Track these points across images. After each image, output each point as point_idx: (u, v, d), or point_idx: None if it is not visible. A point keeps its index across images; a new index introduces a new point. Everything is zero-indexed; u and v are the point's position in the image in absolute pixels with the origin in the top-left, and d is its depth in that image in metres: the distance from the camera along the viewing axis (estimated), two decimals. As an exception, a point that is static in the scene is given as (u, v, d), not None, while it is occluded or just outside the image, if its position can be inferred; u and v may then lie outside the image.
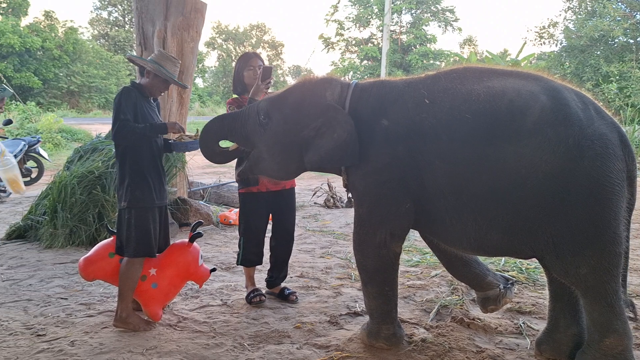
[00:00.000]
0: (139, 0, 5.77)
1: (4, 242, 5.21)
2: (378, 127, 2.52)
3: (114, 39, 37.68)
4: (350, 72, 28.54)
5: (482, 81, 2.36)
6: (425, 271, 4.11)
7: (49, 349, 2.78)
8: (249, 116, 2.85)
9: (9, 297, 3.59)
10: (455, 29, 31.22)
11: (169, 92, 5.61)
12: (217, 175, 9.68)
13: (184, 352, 2.76)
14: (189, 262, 3.23)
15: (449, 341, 2.80)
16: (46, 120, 15.74)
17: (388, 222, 2.56)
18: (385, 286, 2.68)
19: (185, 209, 5.83)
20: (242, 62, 3.56)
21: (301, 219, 6.47)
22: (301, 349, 2.79)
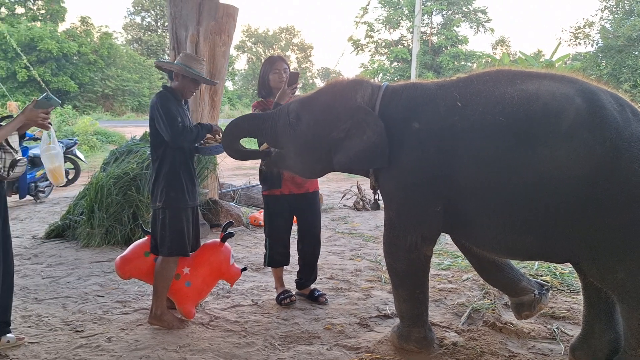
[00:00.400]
0: (173, 6, 5.89)
1: (43, 240, 5.38)
2: (409, 130, 2.51)
3: (147, 43, 38.47)
4: (380, 74, 28.44)
5: (516, 84, 2.33)
6: (456, 275, 4.08)
7: (87, 344, 2.87)
8: (279, 117, 2.90)
9: (48, 294, 3.71)
10: (487, 29, 30.87)
11: (200, 95, 5.74)
12: (247, 177, 9.77)
13: (216, 350, 2.81)
14: (221, 262, 3.29)
15: (480, 345, 2.78)
16: (82, 123, 16.16)
17: (419, 225, 2.56)
18: (416, 289, 2.68)
19: (216, 210, 5.92)
20: (268, 65, 3.59)
21: (330, 221, 6.49)
22: (331, 350, 2.81)
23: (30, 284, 3.92)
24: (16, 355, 2.73)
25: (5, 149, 2.62)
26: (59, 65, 26.59)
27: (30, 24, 26.78)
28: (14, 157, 2.66)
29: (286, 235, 3.60)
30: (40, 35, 25.23)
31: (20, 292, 3.61)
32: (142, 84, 31.37)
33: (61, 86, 25.87)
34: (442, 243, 4.94)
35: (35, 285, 3.90)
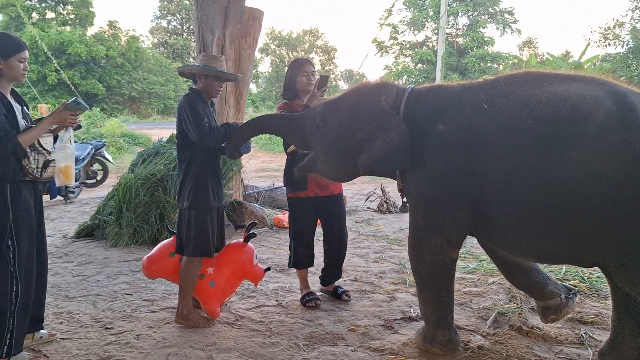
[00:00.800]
0: (200, 10, 5.97)
1: (73, 240, 5.52)
2: (434, 132, 2.51)
3: (173, 46, 38.99)
4: (404, 75, 28.31)
5: (544, 86, 2.31)
6: (482, 278, 4.05)
7: (116, 341, 2.94)
8: (306, 120, 2.93)
9: (79, 292, 3.80)
10: (514, 30, 30.44)
11: (226, 97, 5.81)
12: (270, 179, 9.83)
13: (241, 349, 2.85)
14: (245, 262, 3.34)
15: (506, 349, 2.76)
16: (110, 125, 16.48)
17: (444, 227, 2.54)
18: (441, 292, 2.67)
19: (241, 211, 5.98)
20: (295, 68, 3.61)
21: (354, 223, 6.50)
22: (356, 352, 2.82)
23: (62, 281, 4.03)
24: (49, 351, 2.81)
25: (38, 150, 2.68)
26: (88, 68, 27.10)
27: (60, 28, 27.36)
28: (47, 157, 2.73)
29: (310, 237, 3.62)
30: (70, 39, 25.75)
31: (52, 289, 3.70)
32: (167, 86, 31.81)
33: (89, 89, 26.36)
34: (467, 247, 4.91)
35: (66, 283, 4.00)
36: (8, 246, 2.56)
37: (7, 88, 2.66)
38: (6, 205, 2.57)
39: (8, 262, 2.56)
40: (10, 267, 2.56)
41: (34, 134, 2.62)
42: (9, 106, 2.60)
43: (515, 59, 23.58)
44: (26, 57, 2.66)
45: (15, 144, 2.51)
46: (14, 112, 2.61)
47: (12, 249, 2.57)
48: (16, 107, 2.66)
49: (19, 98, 2.78)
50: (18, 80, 2.68)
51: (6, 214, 2.57)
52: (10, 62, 2.59)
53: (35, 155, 2.66)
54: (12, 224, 2.57)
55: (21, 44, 2.66)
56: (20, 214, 2.60)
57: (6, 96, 2.62)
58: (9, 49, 2.59)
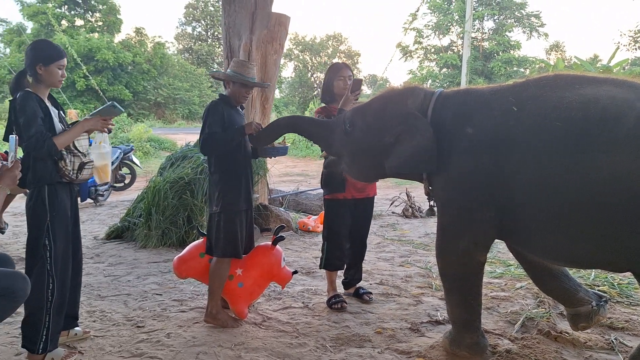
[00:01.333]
0: (227, 16, 6.07)
1: (104, 241, 5.64)
2: (462, 135, 2.51)
3: (197, 52, 39.48)
4: (429, 80, 28.18)
5: (574, 88, 2.30)
6: (509, 283, 4.03)
7: (148, 339, 3.01)
8: (336, 125, 2.98)
9: (110, 291, 3.89)
10: (541, 34, 30.08)
11: (252, 102, 5.88)
12: (294, 184, 9.89)
13: (269, 349, 2.89)
14: (273, 264, 3.39)
15: (534, 353, 2.75)
16: (137, 130, 16.75)
17: (471, 230, 2.54)
18: (468, 295, 2.66)
19: (266, 214, 6.04)
20: (333, 72, 3.66)
21: (379, 228, 6.51)
22: (382, 354, 2.84)
23: (94, 281, 4.12)
24: (83, 347, 2.89)
25: (74, 153, 2.77)
26: (115, 74, 27.59)
27: (89, 35, 27.96)
28: (82, 160, 2.80)
29: (345, 240, 3.65)
30: (98, 46, 26.28)
31: (84, 289, 3.78)
32: (192, 92, 32.23)
33: (116, 94, 26.80)
34: (494, 252, 4.89)
35: (98, 283, 4.09)
36: (45, 245, 2.65)
37: (45, 93, 2.76)
38: (44, 206, 2.66)
39: (45, 260, 2.65)
40: (47, 265, 2.65)
41: (69, 136, 2.70)
42: (47, 110, 2.68)
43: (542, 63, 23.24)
44: (65, 64, 2.76)
45: (51, 145, 2.59)
46: (51, 116, 2.70)
47: (49, 248, 2.66)
48: (53, 112, 2.76)
49: (55, 103, 2.87)
50: (56, 86, 2.77)
51: (44, 214, 2.66)
52: (50, 69, 2.68)
53: (71, 158, 2.74)
54: (49, 224, 2.66)
55: (61, 51, 2.75)
56: (56, 215, 2.69)
57: (44, 101, 2.71)
58: (50, 56, 2.69)
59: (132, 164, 9.29)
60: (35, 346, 2.64)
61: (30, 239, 2.72)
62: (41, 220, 2.67)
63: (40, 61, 2.67)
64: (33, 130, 2.57)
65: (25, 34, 25.63)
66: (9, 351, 2.84)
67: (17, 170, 2.44)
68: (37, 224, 2.69)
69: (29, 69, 2.69)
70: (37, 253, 2.67)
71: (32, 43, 2.79)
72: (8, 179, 2.42)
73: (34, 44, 2.77)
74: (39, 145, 2.57)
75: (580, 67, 6.45)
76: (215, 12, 40.01)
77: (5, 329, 3.07)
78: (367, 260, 4.79)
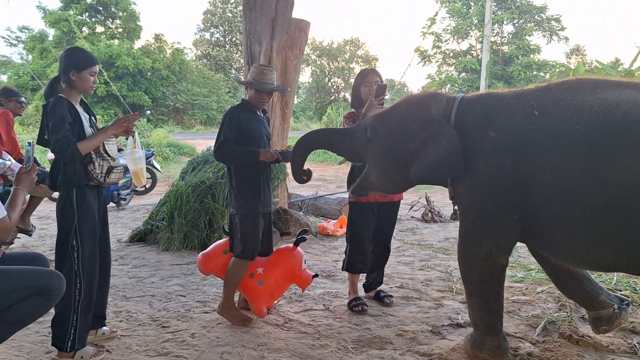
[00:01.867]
0: (248, 22, 6.15)
1: (127, 244, 5.75)
2: (485, 139, 2.53)
3: (215, 58, 39.85)
4: (448, 85, 28.07)
5: (596, 92, 2.31)
6: (530, 287, 4.02)
7: (173, 339, 3.08)
8: (356, 132, 3.01)
9: (135, 293, 3.98)
10: (561, 38, 29.82)
11: (272, 107, 5.95)
12: (312, 188, 9.93)
13: (291, 350, 2.93)
14: (294, 265, 3.46)
15: (556, 356, 2.75)
16: (157, 135, 16.96)
17: (494, 233, 2.56)
18: (490, 298, 2.68)
19: (286, 218, 6.09)
20: (360, 77, 3.70)
21: (398, 232, 6.51)
22: (404, 355, 2.86)
23: (119, 283, 4.21)
24: (111, 346, 2.96)
25: (102, 156, 2.83)
26: (135, 80, 27.93)
27: (109, 41, 28.31)
28: (111, 164, 2.87)
29: (368, 243, 3.68)
30: (118, 53, 26.60)
31: (110, 290, 3.84)
32: (210, 97, 32.49)
33: (136, 100, 27.13)
34: (514, 256, 4.88)
35: (123, 284, 4.18)
36: (73, 246, 2.72)
37: (76, 99, 2.84)
38: (72, 208, 2.73)
39: (73, 261, 2.72)
40: (75, 266, 2.72)
41: (93, 142, 2.76)
42: (77, 116, 2.76)
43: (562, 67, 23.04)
44: (97, 71, 2.84)
45: (74, 150, 2.66)
46: (81, 121, 2.77)
47: (77, 249, 2.73)
48: (84, 117, 2.83)
49: (87, 108, 2.95)
50: (87, 92, 2.86)
51: (72, 216, 2.73)
52: (83, 75, 2.77)
53: (100, 161, 2.81)
54: (77, 225, 2.73)
55: (93, 58, 2.84)
56: (84, 216, 2.75)
57: (75, 106, 2.79)
58: (83, 63, 2.77)
59: (152, 169, 9.43)
60: (64, 344, 2.72)
61: (59, 239, 2.79)
62: (69, 222, 2.74)
63: (73, 68, 2.75)
64: (59, 135, 2.65)
65: (48, 41, 26.13)
66: (40, 349, 2.92)
67: (34, 174, 2.57)
68: (65, 225, 2.76)
69: (62, 75, 2.78)
70: (65, 254, 2.74)
71: (66, 50, 2.88)
72: (26, 182, 2.54)
73: (67, 52, 2.86)
74: (63, 149, 2.64)
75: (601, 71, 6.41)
76: (233, 18, 40.36)
77: (35, 328, 3.15)
78: (387, 264, 4.82)
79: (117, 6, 30.19)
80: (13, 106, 5.27)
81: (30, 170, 2.56)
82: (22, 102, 5.34)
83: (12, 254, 2.69)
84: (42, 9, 28.80)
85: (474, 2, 29.38)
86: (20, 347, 2.93)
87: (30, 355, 2.85)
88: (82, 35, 27.26)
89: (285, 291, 3.67)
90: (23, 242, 5.63)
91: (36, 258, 2.67)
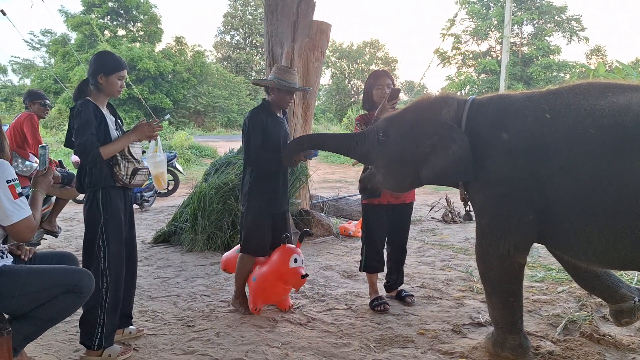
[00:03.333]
0: (270, 24, 6.22)
1: (152, 245, 5.87)
2: (497, 141, 2.55)
3: (236, 60, 40.13)
4: (467, 86, 27.86)
5: (607, 96, 2.33)
6: (550, 287, 4.02)
7: (198, 337, 3.15)
8: (367, 135, 3.07)
9: (160, 292, 4.07)
10: (581, 38, 29.37)
11: (294, 109, 6.01)
12: (333, 190, 9.99)
13: (315, 348, 2.99)
14: (280, 262, 3.48)
15: (577, 355, 2.76)
16: (179, 137, 17.17)
17: (511, 233, 2.57)
18: (509, 297, 2.69)
19: (308, 219, 6.15)
20: (372, 80, 3.74)
21: (419, 233, 6.54)
22: (425, 354, 2.89)
23: (144, 283, 4.31)
24: (137, 345, 3.04)
25: (128, 159, 2.90)
26: (156, 83, 28.17)
27: (131, 44, 28.72)
28: (136, 166, 2.93)
29: (382, 243, 3.75)
30: (139, 55, 26.84)
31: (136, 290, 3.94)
32: (231, 100, 32.74)
33: (157, 103, 27.39)
34: (534, 256, 4.87)
35: (148, 285, 4.28)
36: (99, 246, 2.80)
37: (103, 102, 2.92)
38: (98, 209, 2.81)
39: (99, 261, 2.80)
40: (102, 265, 2.79)
41: (116, 146, 2.83)
42: (102, 119, 2.83)
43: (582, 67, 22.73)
44: (125, 75, 2.91)
45: (96, 155, 2.73)
46: (106, 124, 2.84)
47: (103, 249, 2.80)
48: (110, 120, 2.91)
49: (114, 111, 3.03)
50: (114, 95, 2.94)
51: (98, 216, 2.81)
52: (111, 79, 2.84)
53: (125, 163, 2.88)
54: (103, 226, 2.81)
55: (122, 63, 2.92)
56: (110, 217, 2.83)
57: (101, 109, 2.86)
58: (112, 67, 2.85)
59: (175, 171, 9.57)
60: (92, 342, 2.80)
61: (86, 240, 2.86)
62: (96, 223, 2.81)
63: (101, 71, 2.83)
64: (82, 138, 2.72)
65: (70, 45, 26.56)
66: (68, 348, 3.02)
67: (50, 177, 2.63)
68: (92, 226, 2.83)
69: (91, 78, 2.86)
70: (92, 254, 2.81)
71: (96, 54, 2.96)
72: (43, 184, 2.61)
73: (97, 55, 2.94)
74: (85, 152, 2.73)
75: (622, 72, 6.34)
76: (253, 21, 40.61)
77: (63, 327, 3.24)
78: (407, 264, 4.85)
79: (138, 9, 30.60)
80: (37, 109, 5.32)
81: (46, 173, 2.63)
82: (46, 104, 5.39)
83: (43, 253, 2.77)
84: (65, 12, 29.36)
85: (493, 3, 29.08)
86: (50, 345, 3.03)
87: (59, 353, 2.94)
88: (103, 38, 27.71)
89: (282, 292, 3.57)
90: (49, 243, 5.77)
91: (66, 257, 2.73)
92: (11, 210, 2.23)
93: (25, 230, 2.32)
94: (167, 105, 28.07)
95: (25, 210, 2.31)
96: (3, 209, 2.21)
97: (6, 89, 32.09)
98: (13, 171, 2.30)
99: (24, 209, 2.29)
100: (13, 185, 2.24)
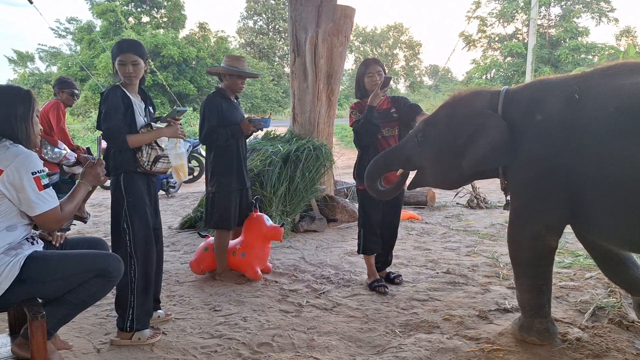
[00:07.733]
0: (294, 10, 6.19)
1: (178, 230, 5.95)
2: (532, 122, 2.55)
3: (259, 46, 40.04)
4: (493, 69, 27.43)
5: (634, 75, 2.30)
6: (578, 273, 3.97)
7: (225, 322, 3.20)
8: (406, 141, 3.15)
9: (187, 278, 4.13)
10: (610, 19, 28.63)
11: (318, 94, 6.00)
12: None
13: (340, 333, 3.01)
14: (259, 225, 4.02)
15: (606, 342, 2.73)
16: (203, 124, 17.24)
17: (544, 213, 2.57)
18: (538, 279, 2.68)
19: (332, 205, 6.15)
20: (363, 67, 3.82)
21: (444, 219, 6.50)
22: (451, 339, 2.89)
23: (171, 268, 4.38)
24: (166, 329, 3.10)
25: (152, 146, 2.92)
26: (180, 69, 28.23)
27: (155, 31, 28.83)
28: (158, 153, 2.95)
29: (377, 226, 3.86)
30: (164, 42, 26.86)
31: (163, 275, 4.03)
32: (254, 86, 32.71)
33: (182, 89, 27.50)
34: (562, 242, 4.80)
35: (175, 270, 4.35)
36: (124, 229, 2.87)
37: (131, 88, 2.94)
38: (121, 192, 2.88)
39: (126, 244, 2.86)
40: (128, 248, 2.86)
41: (145, 138, 2.88)
42: (129, 104, 2.87)
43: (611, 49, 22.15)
44: (125, 60, 2.87)
45: (122, 142, 2.80)
46: (132, 109, 2.88)
47: (128, 231, 2.87)
48: (139, 106, 2.94)
49: (144, 96, 3.07)
50: (126, 81, 2.91)
51: (121, 199, 2.88)
52: (116, 65, 2.91)
53: (148, 150, 2.90)
54: (126, 209, 2.87)
55: (121, 47, 2.90)
56: (133, 201, 2.88)
57: (129, 95, 2.89)
58: (114, 54, 2.91)
59: (200, 157, 9.65)
60: (124, 324, 2.87)
61: (112, 224, 2.94)
62: (119, 206, 2.88)
63: (112, 60, 2.93)
64: (110, 123, 2.78)
65: (95, 32, 26.85)
66: (99, 331, 3.09)
67: (99, 168, 2.57)
68: (116, 209, 2.91)
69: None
70: (119, 237, 2.89)
71: None
72: (90, 176, 2.55)
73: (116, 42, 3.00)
74: (112, 137, 2.80)
75: (654, 52, 6.16)
76: (276, 6, 40.45)
77: (94, 311, 3.33)
78: (432, 250, 4.86)
79: (161, -4, 30.77)
80: (65, 97, 5.30)
81: (96, 164, 2.58)
82: (75, 94, 5.42)
83: (73, 238, 2.81)
84: (90, 0, 29.59)
85: (520, -15, 28.51)
86: (81, 328, 3.11)
87: (90, 336, 3.01)
88: (128, 25, 27.93)
89: (268, 250, 4.14)
90: (78, 229, 5.89)
91: (96, 242, 2.77)
92: (36, 202, 2.24)
93: (51, 221, 2.32)
94: (191, 91, 28.18)
95: (50, 202, 2.29)
96: (28, 201, 2.23)
97: (34, 76, 32.69)
98: (40, 163, 2.29)
99: (49, 201, 2.28)
100: (39, 177, 2.24)
